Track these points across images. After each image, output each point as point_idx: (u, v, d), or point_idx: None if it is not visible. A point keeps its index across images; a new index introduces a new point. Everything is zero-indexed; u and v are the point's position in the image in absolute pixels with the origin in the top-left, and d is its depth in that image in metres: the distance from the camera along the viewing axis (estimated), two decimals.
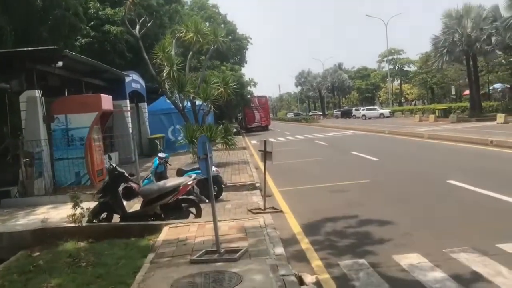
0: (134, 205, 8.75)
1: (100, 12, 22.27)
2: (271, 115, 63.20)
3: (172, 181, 8.17)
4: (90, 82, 17.69)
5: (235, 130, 49.30)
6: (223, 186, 10.40)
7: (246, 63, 51.23)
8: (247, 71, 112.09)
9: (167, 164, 10.68)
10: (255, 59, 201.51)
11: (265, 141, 9.11)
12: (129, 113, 20.79)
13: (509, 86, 48.88)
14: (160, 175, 10.31)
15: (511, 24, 30.55)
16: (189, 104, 16.33)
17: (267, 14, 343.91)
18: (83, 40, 21.77)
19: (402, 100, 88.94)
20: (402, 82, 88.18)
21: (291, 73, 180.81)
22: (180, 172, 10.25)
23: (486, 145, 16.64)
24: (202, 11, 49.87)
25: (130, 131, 20.65)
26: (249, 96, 47.31)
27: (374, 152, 17.48)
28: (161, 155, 10.30)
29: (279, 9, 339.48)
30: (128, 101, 20.73)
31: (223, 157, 17.27)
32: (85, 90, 16.19)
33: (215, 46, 16.26)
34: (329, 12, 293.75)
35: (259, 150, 9.50)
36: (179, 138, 15.61)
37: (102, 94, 13.15)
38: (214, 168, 10.30)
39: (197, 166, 10.28)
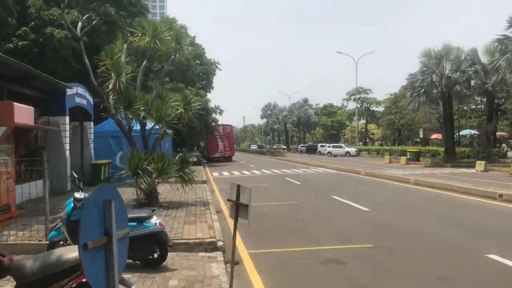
0: None
1: (42, 12, 18.64)
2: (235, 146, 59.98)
3: (75, 249, 4.77)
4: (17, 91, 14.11)
5: (195, 159, 45.97)
6: (169, 246, 7.07)
7: (212, 89, 48.15)
8: (213, 98, 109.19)
9: None
10: (221, 87, 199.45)
11: (238, 186, 5.93)
12: (67, 133, 17.18)
13: (477, 133, 47.96)
14: (75, 225, 6.87)
15: (495, 67, 28.98)
16: (138, 125, 12.95)
17: (234, 43, 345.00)
18: (19, 43, 18.08)
19: (367, 140, 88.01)
20: (368, 121, 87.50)
21: (257, 105, 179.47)
22: None
23: (494, 199, 14.03)
24: (170, 32, 46.80)
25: (67, 154, 17.10)
26: (213, 123, 44.13)
27: (359, 198, 14.61)
28: (78, 195, 6.86)
29: (247, 38, 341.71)
30: (67, 117, 17.14)
31: (177, 194, 13.90)
32: (10, 100, 12.62)
33: (177, 55, 13.11)
34: (299, 46, 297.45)
35: (229, 200, 6.30)
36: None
37: (15, 103, 9.67)
38: (157, 221, 7.00)
39: (135, 214, 6.95)
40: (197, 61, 45.08)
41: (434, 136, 58.99)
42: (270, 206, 13.62)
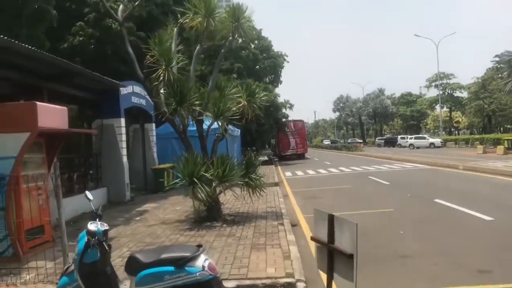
0: None
1: (101, 3, 16.98)
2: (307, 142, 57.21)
3: None
4: (64, 92, 12.59)
5: (266, 158, 43.82)
6: None
7: (281, 83, 45.80)
8: (282, 93, 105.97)
9: (106, 246, 4.93)
10: (290, 81, 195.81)
11: (331, 218, 3.42)
12: (123, 136, 15.56)
13: None
14: (91, 270, 4.71)
15: None
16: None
17: (301, 36, 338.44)
18: (74, 39, 16.67)
19: (451, 129, 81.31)
20: (452, 109, 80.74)
21: (328, 98, 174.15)
22: (134, 265, 4.62)
23: None
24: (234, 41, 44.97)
25: (124, 160, 15.48)
26: (283, 119, 41.67)
27: (472, 202, 11.52)
28: (93, 226, 4.72)
29: (315, 30, 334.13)
30: (122, 119, 15.53)
31: (244, 202, 11.62)
32: (55, 102, 11.05)
33: (236, 36, 10.81)
34: (371, 33, 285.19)
35: (314, 239, 3.80)
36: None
37: (40, 103, 7.82)
38: (205, 263, 4.63)
39: (172, 254, 4.63)
40: (264, 55, 42.90)
41: None
42: (359, 217, 10.90)
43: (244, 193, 10.43)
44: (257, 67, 41.98)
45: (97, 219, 4.89)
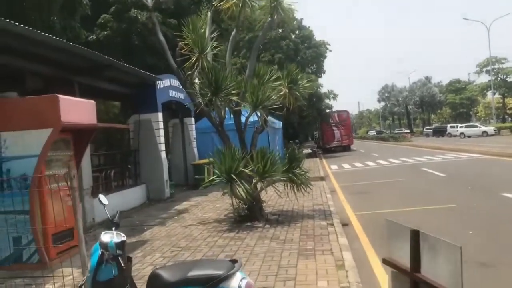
0: None
1: None
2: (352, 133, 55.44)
3: None
4: (98, 87, 12.08)
5: (309, 150, 42.61)
6: None
7: (324, 73, 44.25)
8: (325, 83, 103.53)
9: (123, 261, 4.08)
10: (332, 71, 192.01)
11: (415, 235, 2.43)
12: (161, 131, 14.97)
13: None
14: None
15: None
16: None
17: (344, 24, 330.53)
18: (100, 34, 16.17)
19: (505, 116, 76.94)
20: (506, 95, 76.31)
21: (373, 87, 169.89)
22: (156, 285, 3.80)
23: None
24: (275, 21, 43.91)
25: (163, 156, 14.90)
26: (327, 110, 40.28)
27: None
28: (105, 238, 3.93)
29: (357, 18, 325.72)
30: (160, 114, 14.94)
31: (288, 200, 10.70)
32: (89, 97, 10.52)
33: (275, 17, 9.84)
34: (417, 19, 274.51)
35: (386, 263, 2.82)
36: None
37: (61, 95, 7.18)
38: (242, 282, 3.72)
39: (202, 271, 3.74)
40: (305, 44, 41.61)
41: None
42: (417, 214, 9.78)
43: (288, 190, 9.49)
44: (299, 57, 40.75)
45: (113, 228, 4.08)
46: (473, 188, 12.62)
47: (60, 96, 7.14)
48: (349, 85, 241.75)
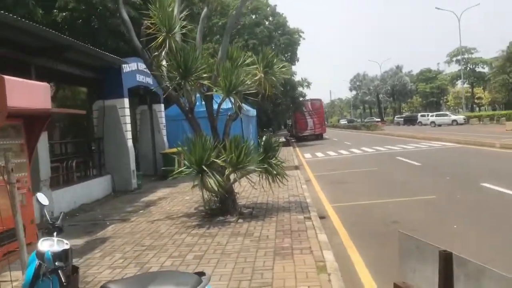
0: None
1: None
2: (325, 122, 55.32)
3: None
4: (57, 69, 11.13)
5: (283, 139, 42.20)
6: None
7: (297, 60, 43.72)
8: (298, 71, 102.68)
9: (63, 276, 3.31)
10: (304, 60, 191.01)
11: (449, 258, 1.84)
12: (127, 118, 14.11)
13: None
14: None
15: None
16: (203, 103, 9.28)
17: (316, 14, 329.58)
18: (59, 15, 15.02)
19: (473, 106, 78.39)
20: (474, 85, 77.70)
21: (344, 77, 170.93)
22: None
23: None
24: (248, 1, 43.04)
25: (129, 144, 14.07)
26: (301, 98, 39.82)
27: None
28: (42, 246, 3.20)
29: (330, 8, 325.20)
30: (126, 100, 14.06)
31: (263, 191, 10.12)
32: (49, 81, 9.58)
33: None
34: (389, 7, 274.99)
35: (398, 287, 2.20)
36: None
37: (7, 76, 6.31)
38: None
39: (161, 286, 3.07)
40: (279, 32, 40.96)
41: None
42: (397, 205, 9.37)
43: (263, 181, 8.87)
44: (273, 44, 40.09)
45: (55, 234, 3.36)
46: (452, 178, 12.30)
47: (6, 77, 6.27)
48: (321, 74, 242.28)
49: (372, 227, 7.71)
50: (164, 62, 8.96)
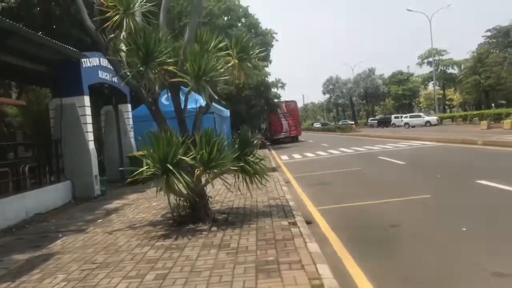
0: None
1: None
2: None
3: None
4: (13, 64, 9.78)
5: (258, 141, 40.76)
6: None
7: (270, 62, 42.84)
8: (272, 74, 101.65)
9: None
10: (277, 64, 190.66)
11: None
12: (87, 118, 12.73)
13: None
14: None
15: None
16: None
17: (287, 17, 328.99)
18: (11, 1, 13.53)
19: (445, 107, 79.12)
20: (446, 86, 78.48)
21: (317, 81, 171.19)
22: None
23: None
24: (220, 2, 41.96)
25: (91, 147, 12.71)
26: (276, 100, 38.86)
27: None
28: None
29: (300, 10, 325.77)
30: (86, 97, 12.69)
31: (239, 194, 8.97)
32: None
33: None
34: (360, 9, 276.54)
35: None
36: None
37: None
38: None
39: None
40: (252, 32, 40.01)
41: None
42: (390, 206, 8.36)
43: (239, 182, 7.71)
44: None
45: None
46: (443, 176, 11.41)
47: None
48: (294, 79, 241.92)
49: (368, 232, 6.66)
50: (124, 47, 7.73)
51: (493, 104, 62.12)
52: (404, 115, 61.21)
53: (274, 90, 37.71)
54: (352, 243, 6.11)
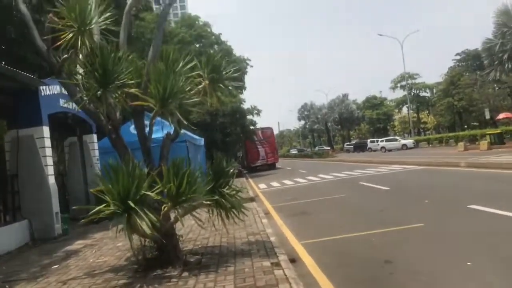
0: None
1: None
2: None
3: None
4: None
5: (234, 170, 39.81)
6: None
7: (245, 89, 42.53)
8: (247, 100, 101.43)
9: None
10: (251, 92, 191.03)
11: None
12: (47, 151, 11.66)
13: None
14: None
15: None
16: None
17: (260, 45, 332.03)
18: None
19: (420, 130, 79.98)
20: (419, 109, 79.55)
21: (291, 107, 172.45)
22: None
23: None
24: (191, 29, 41.64)
25: (51, 181, 11.61)
26: (252, 127, 38.20)
27: None
28: None
29: (272, 38, 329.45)
30: (46, 128, 11.64)
31: (211, 232, 8.04)
32: None
33: None
34: (329, 40, 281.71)
35: None
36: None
37: None
38: None
39: None
40: (225, 59, 39.66)
41: (502, 115, 50.86)
42: (381, 238, 7.57)
43: (214, 217, 6.80)
44: None
45: None
46: (431, 202, 10.73)
47: None
48: (269, 105, 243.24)
49: (362, 271, 5.82)
50: (80, 69, 6.85)
51: (465, 126, 63.13)
52: (380, 139, 61.39)
53: (249, 117, 37.10)
54: (346, 285, 5.26)
